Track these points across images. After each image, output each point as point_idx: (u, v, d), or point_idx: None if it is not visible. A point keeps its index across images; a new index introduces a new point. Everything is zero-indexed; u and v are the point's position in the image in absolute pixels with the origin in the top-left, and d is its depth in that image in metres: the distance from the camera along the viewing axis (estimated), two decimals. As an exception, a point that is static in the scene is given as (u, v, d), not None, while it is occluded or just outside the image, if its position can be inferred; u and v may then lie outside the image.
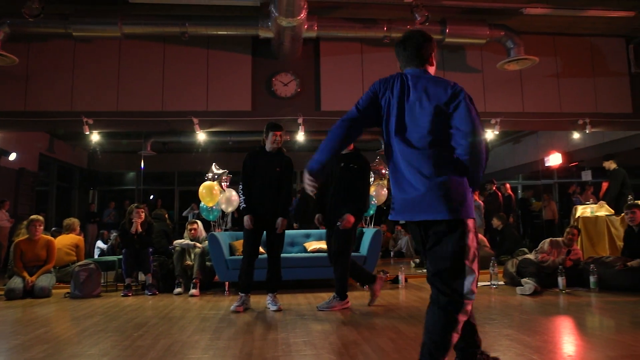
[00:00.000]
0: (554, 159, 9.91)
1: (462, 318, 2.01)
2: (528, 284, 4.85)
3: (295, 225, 8.49)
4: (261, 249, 5.98)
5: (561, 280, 4.94)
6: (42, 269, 5.65)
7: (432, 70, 2.24)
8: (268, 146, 4.46)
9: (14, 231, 7.12)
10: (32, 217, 5.86)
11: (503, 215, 8.46)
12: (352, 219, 4.25)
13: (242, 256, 4.54)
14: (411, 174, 2.05)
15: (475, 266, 2.04)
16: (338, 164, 4.44)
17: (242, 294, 4.37)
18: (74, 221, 6.74)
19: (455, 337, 2.01)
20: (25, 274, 5.53)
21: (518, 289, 4.96)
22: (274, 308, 4.29)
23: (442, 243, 2.03)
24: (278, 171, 4.39)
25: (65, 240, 6.39)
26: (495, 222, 8.29)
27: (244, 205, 4.39)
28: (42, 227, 5.78)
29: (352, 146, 4.55)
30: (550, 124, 7.98)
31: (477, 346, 2.27)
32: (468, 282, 2.01)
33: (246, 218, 4.35)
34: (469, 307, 2.03)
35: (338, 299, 4.34)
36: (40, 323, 3.93)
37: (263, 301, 4.59)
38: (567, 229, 5.49)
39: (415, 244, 4.70)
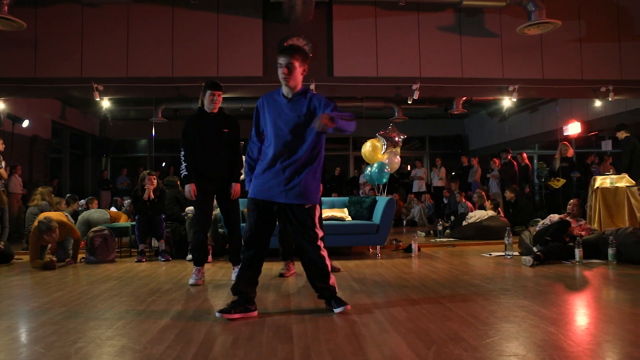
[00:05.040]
0: (573, 128, 9.67)
1: None
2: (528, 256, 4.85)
3: None
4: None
5: (578, 252, 4.86)
6: (77, 249, 5.46)
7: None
8: (207, 106, 4.10)
9: (29, 197, 7.18)
10: (51, 225, 5.02)
11: (515, 187, 8.34)
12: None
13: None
14: None
15: None
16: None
17: (198, 267, 4.09)
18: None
19: None
20: (48, 259, 5.18)
21: (523, 259, 4.91)
22: None
23: None
24: (226, 132, 4.08)
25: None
26: (508, 195, 8.17)
27: (186, 173, 4.04)
28: (56, 234, 5.11)
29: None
30: (571, 91, 7.74)
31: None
32: None
33: (188, 187, 4.03)
34: None
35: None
36: (57, 287, 3.98)
37: (277, 268, 4.59)
38: (571, 201, 5.51)
39: None
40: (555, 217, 5.53)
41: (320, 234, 3.00)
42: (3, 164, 7.36)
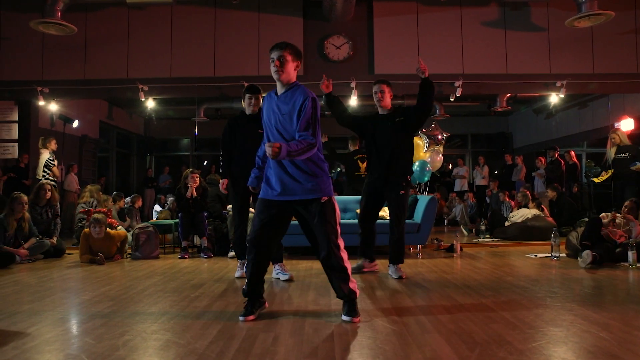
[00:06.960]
0: (626, 125, 9.18)
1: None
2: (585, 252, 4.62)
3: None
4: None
5: (631, 255, 4.62)
6: (123, 246, 5.67)
7: None
8: (247, 109, 4.27)
9: (80, 194, 7.49)
10: (96, 216, 5.40)
11: (557, 185, 8.03)
12: None
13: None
14: None
15: None
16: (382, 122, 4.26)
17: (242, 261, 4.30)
18: None
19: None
20: (96, 258, 5.23)
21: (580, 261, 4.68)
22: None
23: None
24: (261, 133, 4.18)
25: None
26: (550, 193, 7.88)
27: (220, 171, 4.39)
28: (103, 228, 5.36)
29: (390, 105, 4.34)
30: (624, 86, 7.37)
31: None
32: None
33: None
34: None
35: (368, 261, 4.44)
36: (105, 281, 4.13)
37: (317, 267, 4.59)
38: (627, 202, 5.23)
39: None
40: (605, 217, 5.28)
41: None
42: (56, 162, 7.72)
